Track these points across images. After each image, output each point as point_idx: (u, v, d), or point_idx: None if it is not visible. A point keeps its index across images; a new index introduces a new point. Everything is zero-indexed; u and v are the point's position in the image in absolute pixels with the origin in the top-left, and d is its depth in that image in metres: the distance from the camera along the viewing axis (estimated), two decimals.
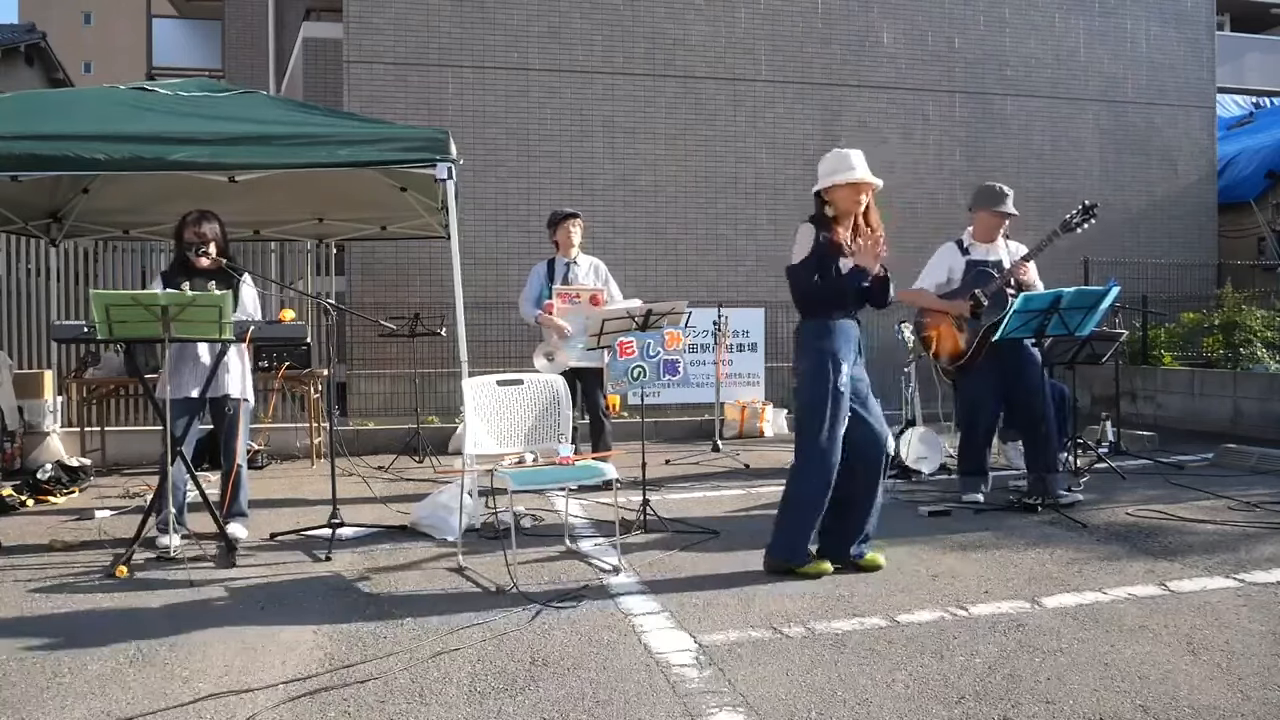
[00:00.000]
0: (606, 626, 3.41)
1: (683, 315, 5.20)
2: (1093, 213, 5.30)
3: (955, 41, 11.90)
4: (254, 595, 3.85)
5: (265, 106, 5.62)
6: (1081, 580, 3.90)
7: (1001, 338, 5.07)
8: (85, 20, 43.32)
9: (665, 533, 4.81)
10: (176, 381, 4.57)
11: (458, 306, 5.30)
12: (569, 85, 10.72)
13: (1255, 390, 8.42)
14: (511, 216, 10.43)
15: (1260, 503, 5.31)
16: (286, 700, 2.78)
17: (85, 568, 4.27)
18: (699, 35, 11.09)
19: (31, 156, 4.60)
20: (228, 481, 4.83)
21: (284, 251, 9.59)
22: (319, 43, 12.58)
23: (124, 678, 2.97)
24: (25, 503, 5.78)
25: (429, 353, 8.64)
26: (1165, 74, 12.69)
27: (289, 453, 7.93)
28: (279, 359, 6.97)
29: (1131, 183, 12.48)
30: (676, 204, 10.98)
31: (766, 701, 2.73)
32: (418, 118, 9.67)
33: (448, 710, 2.71)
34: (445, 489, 5.07)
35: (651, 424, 8.34)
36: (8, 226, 7.00)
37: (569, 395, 4.55)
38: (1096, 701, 2.70)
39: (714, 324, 8.29)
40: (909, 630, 3.32)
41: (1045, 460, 5.32)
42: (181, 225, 4.75)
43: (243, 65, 16.10)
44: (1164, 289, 11.26)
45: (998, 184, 5.63)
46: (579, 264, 6.31)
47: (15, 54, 18.06)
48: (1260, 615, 3.41)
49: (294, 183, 6.27)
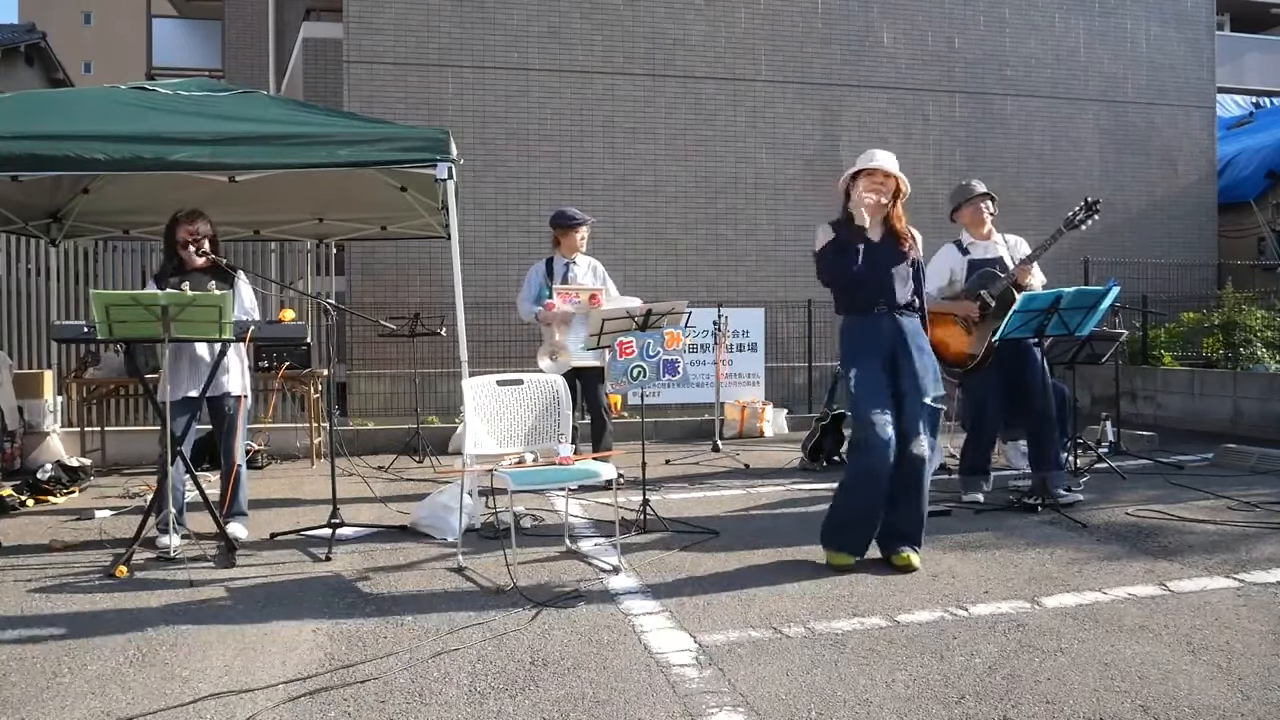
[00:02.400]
0: (606, 626, 3.40)
1: (683, 315, 5.20)
2: (1095, 209, 5.30)
3: (955, 41, 11.90)
4: (254, 595, 3.85)
5: (265, 106, 5.61)
6: (1081, 580, 3.90)
7: (1002, 337, 5.08)
8: (85, 20, 43.31)
9: (665, 533, 4.81)
10: (176, 381, 4.58)
11: (458, 306, 5.30)
12: (569, 85, 10.72)
13: (1255, 390, 8.42)
14: (511, 216, 10.44)
15: (1260, 503, 5.31)
16: (286, 700, 2.78)
17: (85, 568, 4.27)
18: (699, 35, 11.10)
19: (31, 156, 4.59)
20: (227, 481, 4.83)
21: (284, 251, 9.59)
22: (319, 43, 12.59)
23: (124, 678, 2.97)
24: (25, 503, 5.78)
25: (429, 353, 8.65)
26: (1165, 74, 12.69)
27: (289, 453, 7.93)
28: (279, 359, 6.98)
29: (1131, 183, 12.49)
30: (676, 204, 10.99)
31: (766, 701, 2.73)
32: (418, 118, 9.68)
33: (448, 710, 2.71)
34: (445, 489, 5.07)
35: (651, 424, 8.35)
36: (8, 226, 6.99)
37: (569, 395, 4.54)
38: (1096, 701, 2.69)
39: (714, 324, 8.29)
40: (909, 630, 3.32)
41: (1050, 461, 5.33)
42: (173, 224, 4.75)
43: (243, 65, 16.10)
44: (1164, 289, 11.26)
45: (963, 180, 5.85)
46: (578, 264, 6.32)
47: (15, 54, 18.07)
48: (1260, 615, 3.41)
49: (294, 183, 6.26)
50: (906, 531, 4.11)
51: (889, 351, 4.08)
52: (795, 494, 5.99)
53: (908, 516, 4.09)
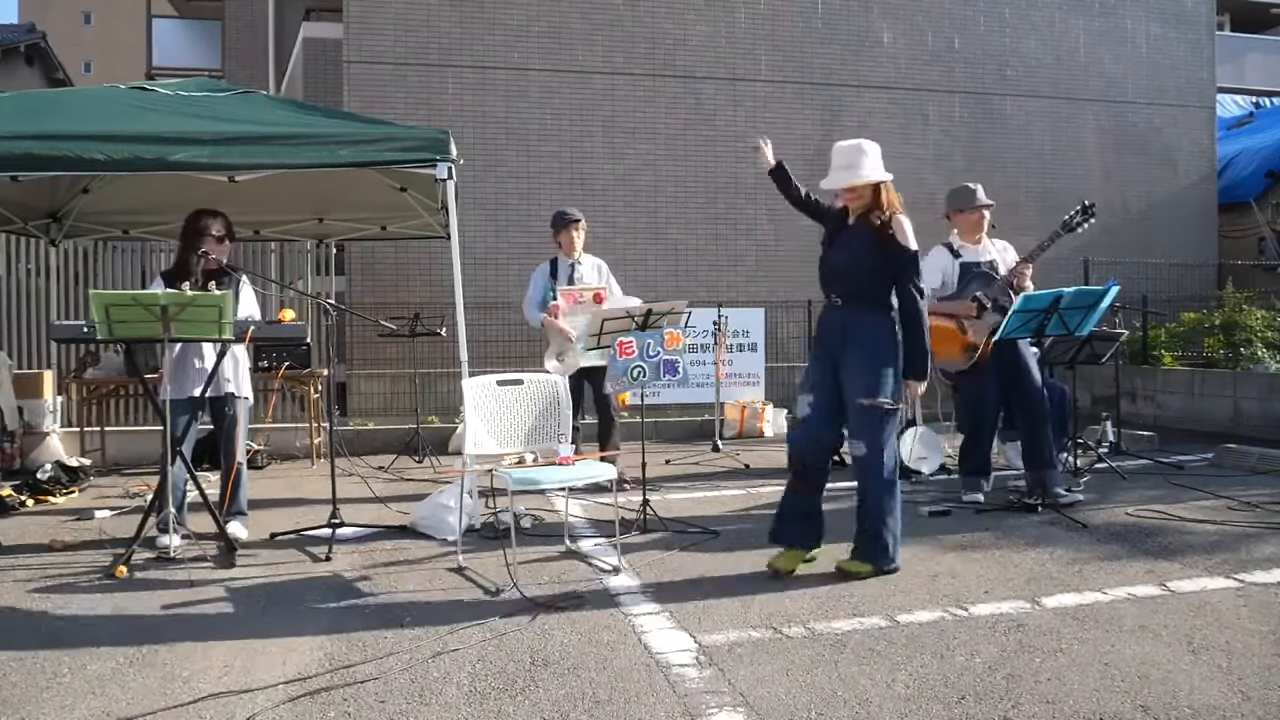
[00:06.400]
0: (606, 627, 3.41)
1: (682, 315, 5.20)
2: (1091, 212, 5.31)
3: (955, 41, 11.90)
4: (254, 595, 3.85)
5: (265, 106, 5.61)
6: (1081, 580, 3.90)
7: (1001, 338, 5.08)
8: (85, 20, 43.29)
9: (665, 533, 4.81)
10: (178, 381, 4.57)
11: (458, 306, 5.30)
12: (569, 85, 10.72)
13: (1255, 390, 8.42)
14: (511, 216, 10.43)
15: (1260, 503, 5.30)
16: (286, 700, 2.78)
17: (85, 568, 4.27)
18: (699, 35, 11.09)
19: (31, 156, 4.59)
20: (227, 480, 4.83)
21: (284, 251, 9.59)
22: (319, 43, 12.58)
23: (124, 678, 2.97)
24: (25, 503, 5.78)
25: (429, 353, 8.64)
26: (1165, 74, 12.69)
27: (289, 453, 7.93)
28: (279, 359, 6.98)
29: (1131, 183, 12.48)
30: (676, 204, 10.98)
31: (766, 701, 2.73)
32: (418, 118, 9.66)
33: (448, 710, 2.71)
34: (445, 489, 5.07)
35: (651, 424, 8.34)
36: (8, 226, 6.99)
37: (569, 395, 4.54)
38: (1096, 701, 2.69)
39: (714, 324, 8.29)
40: (909, 630, 3.32)
41: (1045, 460, 5.32)
42: (202, 227, 4.74)
43: (243, 65, 16.09)
44: (1164, 289, 11.25)
45: (965, 183, 5.70)
46: (583, 264, 6.30)
47: (15, 54, 18.08)
48: (1260, 615, 3.41)
49: (294, 183, 6.26)
50: (857, 533, 4.04)
51: (833, 345, 4.02)
52: None
53: (859, 519, 4.04)
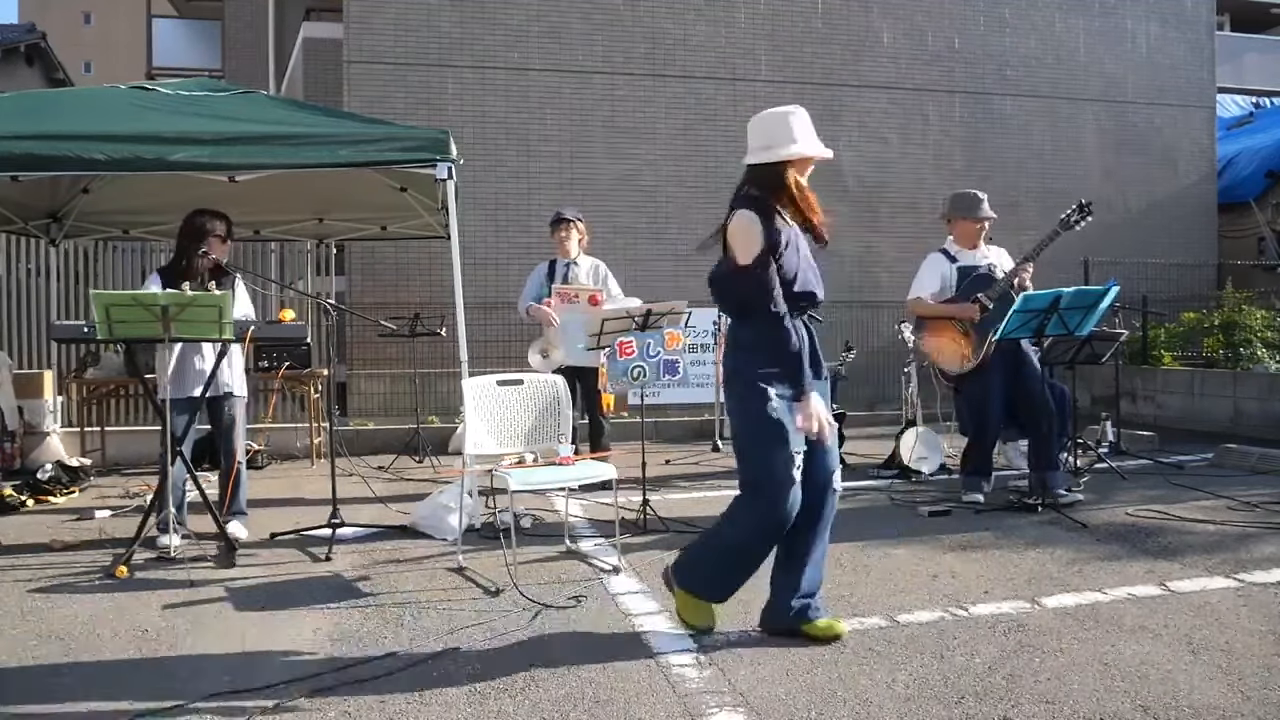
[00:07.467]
0: (606, 626, 3.41)
1: (682, 315, 5.20)
2: (1088, 210, 5.30)
3: (955, 41, 11.90)
4: (254, 595, 3.85)
5: (265, 106, 5.61)
6: (1081, 580, 3.90)
7: (1002, 338, 5.08)
8: (85, 20, 43.27)
9: (665, 533, 4.81)
10: (178, 380, 4.57)
11: (458, 306, 5.30)
12: (569, 85, 10.72)
13: (1255, 390, 8.41)
14: (511, 216, 10.43)
15: (1260, 503, 5.30)
16: (286, 700, 2.78)
17: (85, 568, 4.27)
18: (699, 35, 11.09)
19: (31, 156, 4.59)
20: (227, 480, 4.83)
21: (284, 251, 9.58)
22: (319, 43, 12.58)
23: (124, 678, 2.97)
24: (25, 503, 5.77)
25: (429, 353, 8.64)
26: (1165, 74, 12.69)
27: (289, 453, 7.92)
28: (279, 359, 6.98)
29: (1131, 183, 12.48)
30: (676, 204, 10.98)
31: (766, 701, 2.73)
32: (418, 118, 9.66)
33: (448, 710, 2.71)
34: (445, 489, 5.07)
35: (651, 424, 8.34)
36: (8, 226, 6.99)
37: (569, 395, 4.54)
38: (1096, 701, 2.69)
39: (714, 324, 8.29)
40: (909, 630, 3.32)
41: (1045, 459, 5.32)
42: (207, 228, 4.74)
43: (243, 65, 16.11)
44: (1164, 289, 11.25)
45: (971, 190, 5.67)
46: (579, 264, 6.31)
47: (15, 54, 18.08)
48: (1260, 615, 3.41)
49: (294, 183, 6.26)
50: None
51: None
52: None
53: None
